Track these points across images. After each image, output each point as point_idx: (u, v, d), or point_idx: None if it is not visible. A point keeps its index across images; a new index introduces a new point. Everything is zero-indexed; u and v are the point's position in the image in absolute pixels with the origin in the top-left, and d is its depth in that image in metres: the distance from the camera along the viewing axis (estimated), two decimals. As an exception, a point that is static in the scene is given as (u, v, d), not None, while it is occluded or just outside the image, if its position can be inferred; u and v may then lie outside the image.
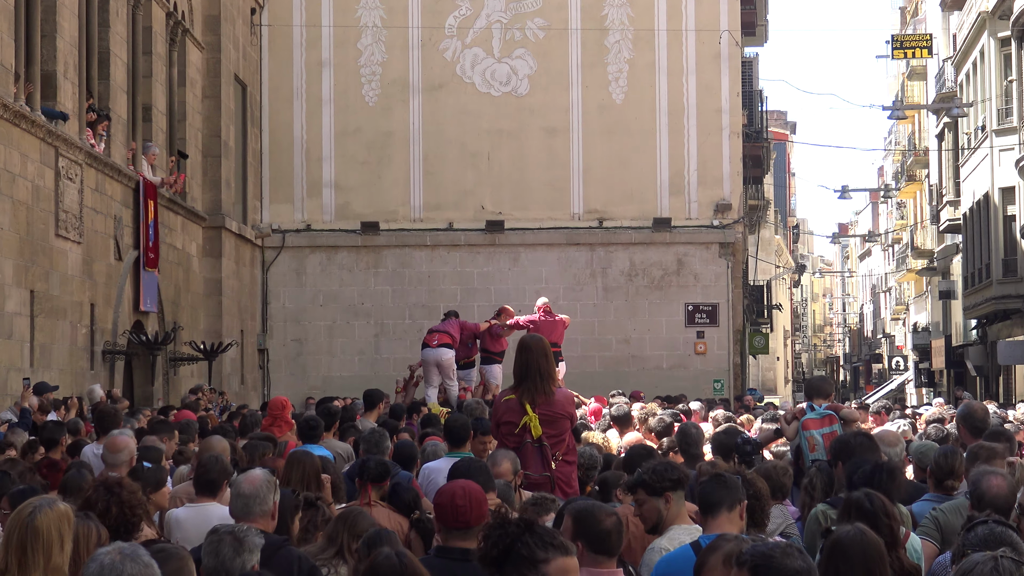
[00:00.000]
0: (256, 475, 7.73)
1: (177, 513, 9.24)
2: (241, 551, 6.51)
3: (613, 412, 15.25)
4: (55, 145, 22.04)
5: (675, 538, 7.41)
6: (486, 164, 35.45)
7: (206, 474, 9.21)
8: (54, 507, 6.16)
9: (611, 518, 6.55)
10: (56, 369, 21.86)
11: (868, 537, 6.01)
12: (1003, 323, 43.39)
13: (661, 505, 7.50)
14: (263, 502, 7.57)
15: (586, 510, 6.65)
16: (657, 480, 7.55)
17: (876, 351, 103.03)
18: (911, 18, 67.45)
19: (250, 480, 7.65)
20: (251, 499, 7.57)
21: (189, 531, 8.68)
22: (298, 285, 35.42)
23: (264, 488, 7.61)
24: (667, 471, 7.63)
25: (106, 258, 24.61)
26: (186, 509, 9.22)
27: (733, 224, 35.57)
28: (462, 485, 7.37)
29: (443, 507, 7.16)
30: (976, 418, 11.04)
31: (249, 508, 7.55)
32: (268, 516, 7.58)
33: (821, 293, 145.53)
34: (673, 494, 7.57)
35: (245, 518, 7.44)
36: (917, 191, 67.64)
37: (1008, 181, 41.27)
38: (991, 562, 4.91)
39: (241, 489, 7.63)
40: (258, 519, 7.48)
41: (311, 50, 35.60)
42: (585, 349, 33.42)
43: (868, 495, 7.21)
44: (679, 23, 35.36)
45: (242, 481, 7.69)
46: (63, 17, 22.65)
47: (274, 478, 7.85)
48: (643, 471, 7.76)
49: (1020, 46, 39.18)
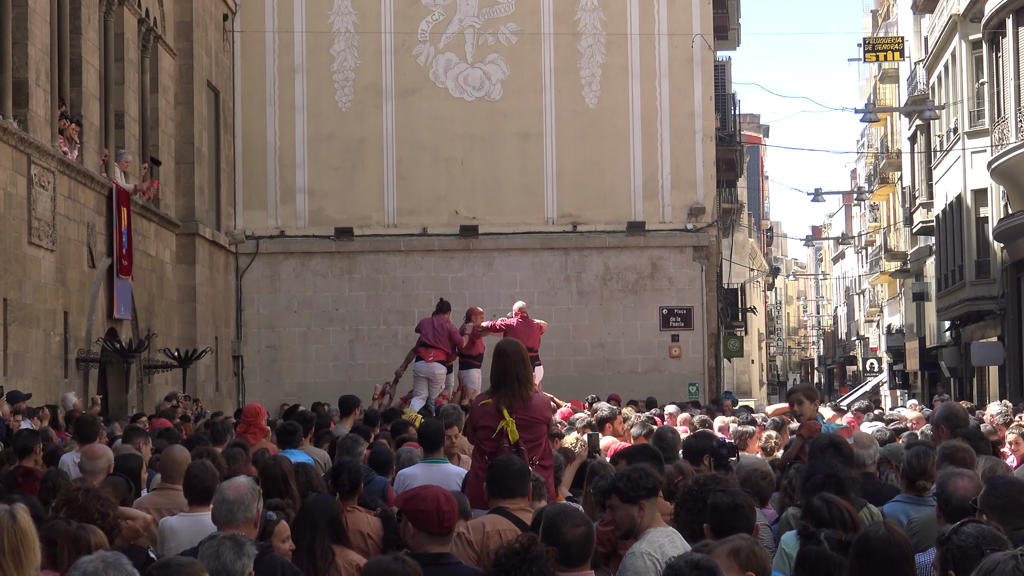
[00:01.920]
0: (241, 482, 7.78)
1: (172, 522, 9.22)
2: (241, 554, 6.55)
3: (600, 415, 15.28)
4: (27, 152, 21.95)
5: (654, 541, 7.39)
6: (460, 169, 35.44)
7: (198, 483, 9.19)
8: (18, 512, 6.18)
9: (578, 528, 6.54)
10: (30, 378, 21.75)
11: (895, 536, 6.04)
12: (976, 324, 43.55)
13: (635, 512, 7.46)
14: (247, 509, 7.62)
15: (552, 520, 6.65)
16: (632, 488, 7.51)
17: (850, 353, 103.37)
18: (883, 21, 67.69)
19: (235, 487, 7.69)
20: (235, 505, 7.61)
21: (183, 541, 8.66)
22: (272, 291, 35.34)
23: (249, 495, 7.66)
24: (642, 479, 7.58)
25: (79, 266, 24.51)
26: (180, 518, 9.22)
27: (707, 227, 35.62)
28: (441, 491, 7.38)
29: (428, 513, 7.14)
30: (957, 419, 11.02)
31: (233, 514, 7.59)
32: (251, 523, 7.61)
33: (795, 296, 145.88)
34: (647, 502, 7.54)
35: (229, 525, 7.46)
36: (890, 193, 67.90)
37: (980, 183, 41.43)
38: (1012, 561, 4.92)
39: (225, 495, 7.67)
40: (242, 526, 7.50)
41: (284, 56, 35.55)
42: (560, 354, 33.42)
43: (828, 503, 7.25)
44: (651, 27, 35.40)
45: (227, 488, 7.72)
46: (34, 24, 22.56)
47: (258, 486, 7.88)
48: (618, 478, 7.73)
49: (991, 49, 39.33)
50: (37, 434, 14.20)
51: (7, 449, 13.32)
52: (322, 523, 8.00)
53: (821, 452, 9.28)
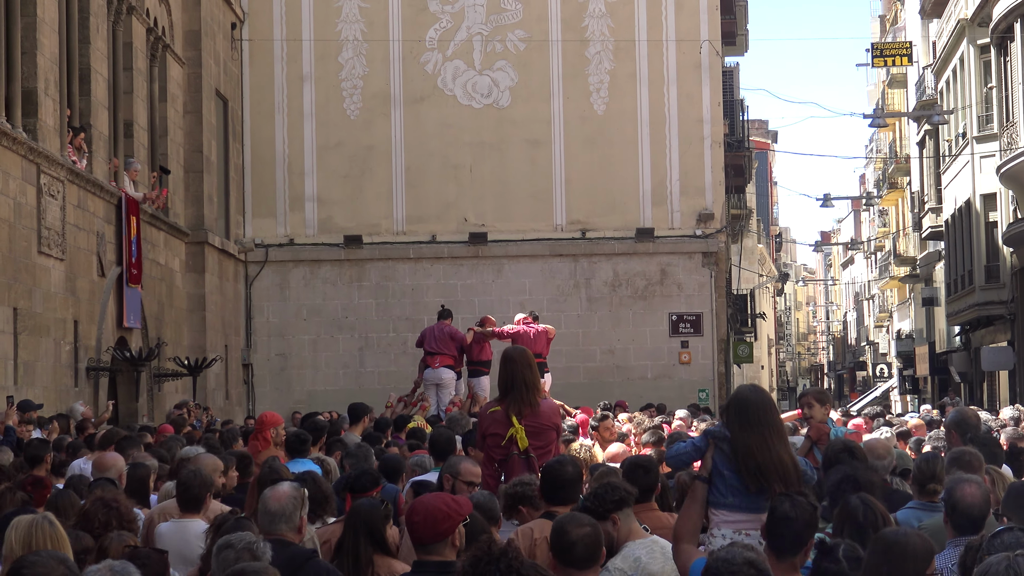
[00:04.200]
0: (283, 490, 7.77)
1: (161, 528, 9.31)
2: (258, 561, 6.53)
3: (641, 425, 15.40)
4: (36, 162, 21.99)
5: (629, 556, 7.37)
6: (468, 176, 35.45)
7: (187, 491, 9.26)
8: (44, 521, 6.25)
9: (583, 528, 6.53)
10: (40, 387, 21.79)
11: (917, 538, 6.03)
12: (986, 329, 43.48)
13: (609, 527, 7.39)
14: (289, 518, 7.64)
15: (559, 522, 6.65)
16: (599, 504, 7.47)
17: (860, 359, 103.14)
18: (891, 26, 67.64)
19: (277, 496, 7.69)
20: (277, 516, 7.62)
21: (168, 545, 8.71)
22: (281, 299, 35.37)
23: (291, 504, 7.66)
24: (607, 494, 7.55)
25: (89, 275, 24.55)
26: (170, 524, 9.28)
27: (716, 233, 35.60)
28: (441, 497, 7.37)
29: (414, 523, 7.09)
30: (969, 424, 10.93)
31: (275, 524, 7.61)
32: (295, 530, 7.64)
33: (804, 301, 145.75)
34: (619, 514, 7.48)
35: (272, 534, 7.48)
36: (899, 198, 67.80)
37: (989, 188, 41.38)
38: (1005, 561, 4.92)
39: (268, 506, 7.67)
40: (287, 535, 7.56)
41: (292, 64, 35.59)
42: (569, 360, 33.40)
43: (865, 503, 7.18)
44: (659, 34, 35.40)
45: (269, 497, 7.72)
46: (43, 34, 22.61)
47: (302, 491, 7.88)
48: (585, 498, 7.74)
49: (999, 53, 39.31)
50: (48, 443, 14.26)
51: (18, 458, 13.36)
52: (363, 530, 7.97)
53: (836, 457, 9.24)
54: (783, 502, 6.49)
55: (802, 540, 6.42)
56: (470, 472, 9.57)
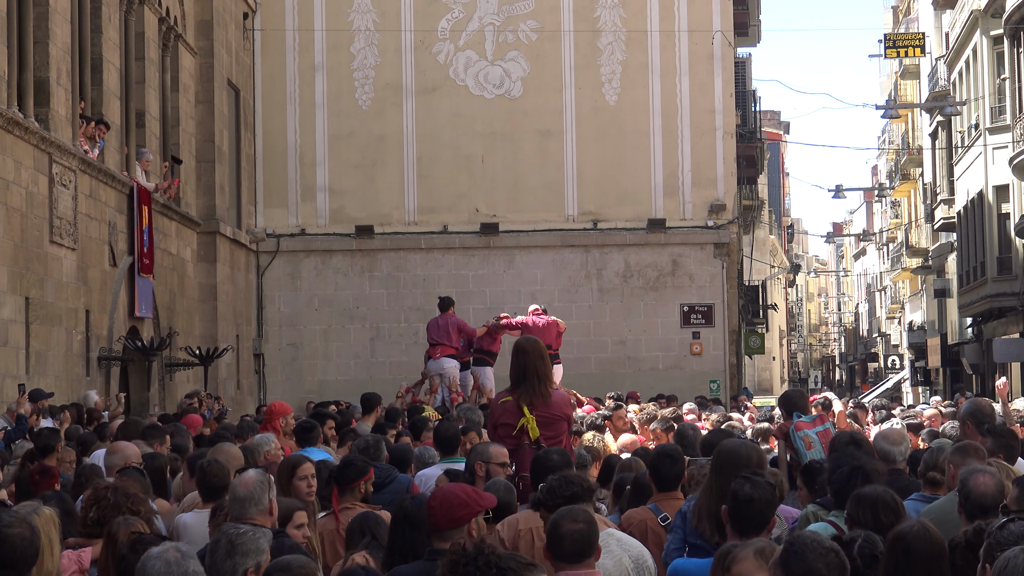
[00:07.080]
0: (250, 477, 8.01)
1: (185, 518, 9.35)
2: (233, 553, 6.54)
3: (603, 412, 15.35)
4: (49, 152, 22.01)
5: None
6: (480, 167, 35.43)
7: (209, 480, 9.32)
8: (40, 513, 6.25)
9: (576, 524, 6.50)
10: (52, 376, 21.82)
11: (932, 534, 6.03)
12: (998, 321, 43.42)
13: None
14: (258, 502, 7.84)
15: (555, 516, 6.65)
16: (551, 499, 7.49)
17: (872, 350, 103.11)
18: (903, 17, 67.48)
19: (244, 483, 7.94)
20: (246, 501, 7.84)
21: (196, 536, 8.77)
22: (293, 289, 35.40)
23: (258, 489, 7.88)
24: (561, 488, 7.56)
25: (101, 264, 24.57)
26: (194, 515, 9.32)
27: (728, 224, 35.56)
28: (461, 486, 7.38)
29: (450, 504, 7.12)
30: (983, 415, 10.85)
31: (246, 509, 7.81)
32: (266, 514, 7.83)
33: (816, 293, 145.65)
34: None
35: (244, 519, 7.58)
36: (911, 190, 67.67)
37: (1002, 179, 41.30)
38: (1022, 554, 4.91)
39: (237, 493, 7.92)
40: (256, 517, 7.71)
41: (304, 54, 35.59)
42: (581, 351, 33.39)
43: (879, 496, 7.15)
44: (672, 24, 35.35)
45: (237, 484, 7.98)
46: (55, 23, 22.62)
47: (268, 475, 8.10)
48: (539, 490, 7.75)
49: (1012, 44, 39.21)
50: (58, 432, 14.27)
51: (30, 448, 13.37)
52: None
53: (843, 448, 9.21)
54: (743, 484, 6.74)
55: (765, 519, 6.73)
56: (500, 454, 9.67)
